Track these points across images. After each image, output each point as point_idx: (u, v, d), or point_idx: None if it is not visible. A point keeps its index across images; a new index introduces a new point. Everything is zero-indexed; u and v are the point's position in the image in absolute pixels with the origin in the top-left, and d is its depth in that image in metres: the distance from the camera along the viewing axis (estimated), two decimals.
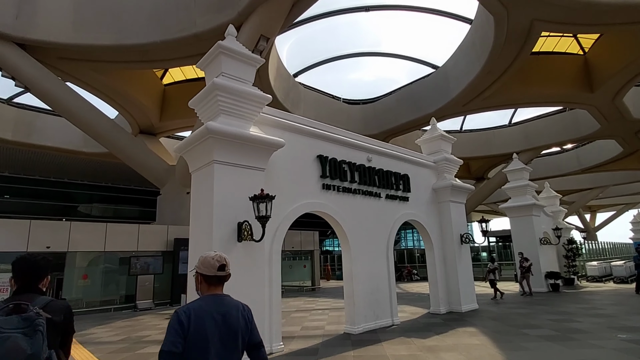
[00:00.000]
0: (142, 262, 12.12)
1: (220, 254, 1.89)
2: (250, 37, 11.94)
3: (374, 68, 24.46)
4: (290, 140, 6.52)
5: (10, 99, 20.58)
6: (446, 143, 10.18)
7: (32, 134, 20.78)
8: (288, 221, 6.28)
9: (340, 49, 19.34)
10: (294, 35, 17.23)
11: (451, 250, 9.24)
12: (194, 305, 1.74)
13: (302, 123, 6.87)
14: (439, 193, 9.62)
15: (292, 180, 6.50)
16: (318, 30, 18.10)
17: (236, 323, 1.77)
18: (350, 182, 7.47)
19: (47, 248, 10.86)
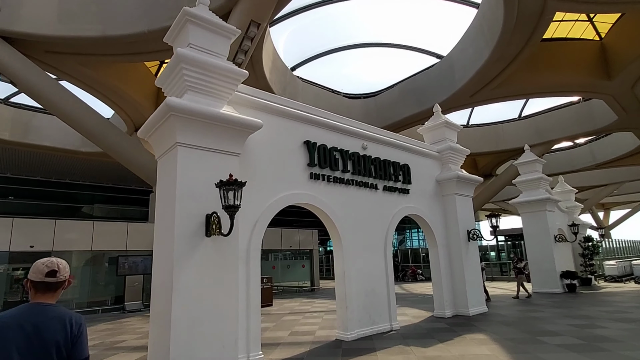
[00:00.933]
0: (131, 262, 11.49)
1: (54, 260, 1.76)
2: (240, 22, 11.24)
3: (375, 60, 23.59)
4: (272, 123, 5.78)
5: (7, 98, 20.25)
6: (451, 131, 9.32)
7: (29, 133, 20.41)
8: (270, 214, 5.51)
9: (339, 40, 18.62)
10: (290, 26, 16.46)
11: (457, 248, 8.37)
12: (7, 314, 1.61)
13: (286, 105, 6.10)
14: (444, 185, 8.75)
15: (275, 168, 5.74)
16: (315, 21, 17.35)
17: (51, 335, 1.59)
18: (342, 171, 6.67)
19: (31, 247, 10.30)
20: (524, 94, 18.08)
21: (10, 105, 20.01)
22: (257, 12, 10.67)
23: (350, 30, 20.97)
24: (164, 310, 4.29)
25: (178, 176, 4.51)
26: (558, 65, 15.94)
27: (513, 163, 13.60)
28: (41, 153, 20.89)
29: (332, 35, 20.76)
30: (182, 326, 4.06)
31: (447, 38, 18.78)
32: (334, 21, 19.13)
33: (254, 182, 5.40)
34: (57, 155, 21.33)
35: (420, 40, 20.11)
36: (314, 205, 6.14)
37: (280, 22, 15.43)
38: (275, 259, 17.40)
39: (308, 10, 15.44)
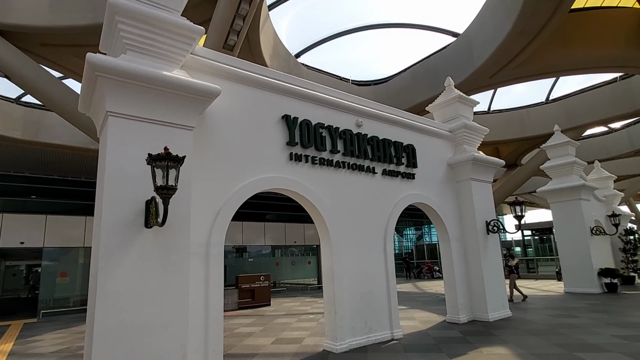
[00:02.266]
0: None
1: None
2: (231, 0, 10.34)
3: (386, 42, 22.14)
4: (242, 94, 4.87)
5: (18, 98, 20.36)
6: (465, 107, 8.03)
7: (41, 132, 20.46)
8: (237, 201, 4.53)
9: (346, 23, 17.42)
10: (291, 10, 15.40)
11: (474, 242, 7.12)
12: None
13: (258, 72, 5.09)
14: (457, 170, 7.50)
15: (245, 147, 4.78)
16: (319, 3, 16.16)
17: None
18: (330, 152, 5.60)
19: (21, 244, 9.88)
20: (552, 72, 16.25)
21: (22, 105, 20.09)
22: None
23: (358, 12, 19.67)
24: (89, 321, 3.39)
25: (108, 153, 3.60)
26: (591, 37, 14.13)
27: (541, 146, 12.05)
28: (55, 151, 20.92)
29: (338, 18, 19.55)
30: (108, 340, 3.17)
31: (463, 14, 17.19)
32: (339, 3, 17.87)
33: (217, 164, 4.47)
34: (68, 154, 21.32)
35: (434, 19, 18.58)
36: (295, 191, 5.12)
37: (281, 4, 14.39)
38: (282, 255, 16.55)
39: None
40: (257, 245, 15.74)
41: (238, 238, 14.72)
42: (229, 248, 14.64)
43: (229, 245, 14.34)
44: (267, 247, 16.18)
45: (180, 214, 3.77)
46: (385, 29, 17.70)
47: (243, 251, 15.34)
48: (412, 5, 19.97)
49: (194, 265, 4.05)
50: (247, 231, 15.15)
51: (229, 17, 10.66)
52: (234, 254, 15.41)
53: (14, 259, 18.99)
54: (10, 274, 18.95)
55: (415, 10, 20.84)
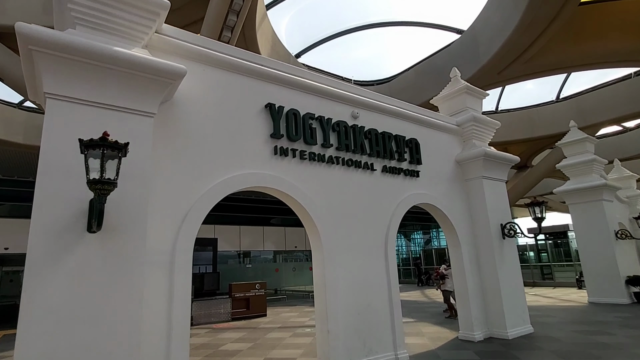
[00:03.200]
0: None
1: None
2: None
3: (388, 41, 21.51)
4: (218, 79, 4.31)
5: (20, 103, 20.14)
6: (474, 99, 7.29)
7: None
8: (208, 202, 3.85)
9: (346, 22, 16.86)
10: (291, 9, 14.88)
11: (488, 248, 6.32)
12: None
13: (238, 56, 4.44)
14: (466, 167, 6.74)
15: (220, 139, 4.15)
16: (317, 2, 15.63)
17: None
18: (322, 146, 4.91)
19: (5, 250, 9.39)
20: (563, 67, 15.44)
21: (23, 109, 19.84)
22: None
23: (360, 10, 19.13)
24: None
25: (43, 141, 2.95)
26: (604, 29, 13.33)
27: (557, 144, 11.21)
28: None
29: (339, 18, 19.03)
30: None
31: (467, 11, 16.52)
32: (340, 2, 17.34)
33: (187, 158, 3.84)
34: None
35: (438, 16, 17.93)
36: (280, 190, 4.42)
37: (279, 3, 13.91)
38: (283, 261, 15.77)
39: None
40: (256, 251, 15.03)
41: (235, 243, 14.06)
42: (226, 253, 13.96)
43: (226, 250, 13.69)
44: (267, 252, 15.46)
45: (134, 215, 3.10)
46: (388, 27, 17.10)
47: (241, 257, 14.63)
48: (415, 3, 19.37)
49: (153, 276, 3.37)
50: (246, 236, 14.48)
51: (222, 12, 10.14)
52: (231, 260, 14.70)
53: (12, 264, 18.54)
54: (8, 279, 18.48)
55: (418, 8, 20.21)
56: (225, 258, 14.12)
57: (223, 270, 13.16)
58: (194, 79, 4.12)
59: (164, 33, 3.97)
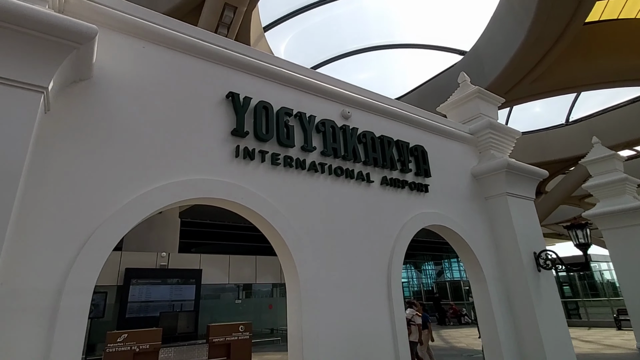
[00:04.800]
0: None
1: None
2: (213, 8, 9.33)
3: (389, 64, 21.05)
4: (165, 60, 3.32)
5: None
6: (488, 104, 6.20)
7: None
8: (128, 220, 2.63)
9: (345, 45, 16.31)
10: (290, 32, 14.44)
11: (520, 283, 4.92)
12: None
13: (193, 35, 3.38)
14: (485, 182, 5.49)
15: (159, 134, 3.11)
16: (317, 25, 15.31)
17: None
18: (302, 149, 3.75)
19: None
20: (573, 87, 14.55)
21: None
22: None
23: (359, 33, 18.84)
24: None
25: None
26: (614, 46, 12.55)
27: (581, 161, 9.97)
28: None
29: (339, 40, 18.69)
30: None
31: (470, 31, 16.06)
32: (341, 25, 17.02)
33: (104, 158, 2.72)
34: None
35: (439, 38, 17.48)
36: (241, 204, 3.19)
37: (278, 25, 13.45)
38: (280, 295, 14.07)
39: (308, 10, 13.37)
40: (248, 284, 13.40)
41: (223, 275, 12.49)
42: (213, 287, 12.37)
43: (213, 283, 12.14)
44: (261, 285, 13.78)
45: None
46: (390, 49, 16.54)
47: (229, 291, 12.98)
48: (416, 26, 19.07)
49: (19, 328, 2.07)
50: (236, 266, 12.98)
51: (212, 25, 9.55)
52: (220, 294, 13.03)
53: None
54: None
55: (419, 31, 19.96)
56: (213, 292, 12.55)
57: (208, 307, 11.58)
58: (129, 57, 3.10)
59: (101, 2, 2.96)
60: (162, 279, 10.66)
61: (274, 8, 13.44)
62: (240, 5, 9.24)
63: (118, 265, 10.11)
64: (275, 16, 13.22)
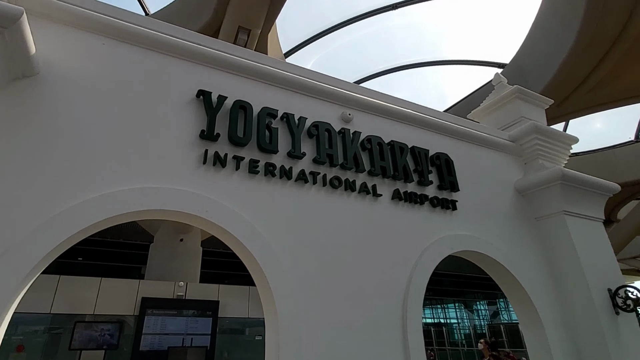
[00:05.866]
0: (86, 333, 8.59)
1: None
2: (227, 32, 9.55)
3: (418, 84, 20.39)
4: (127, 57, 3.07)
5: None
6: (531, 106, 5.39)
7: None
8: (56, 236, 2.22)
9: (371, 66, 16.05)
10: (313, 56, 14.57)
11: (592, 328, 3.81)
12: None
13: (160, 30, 3.12)
14: (536, 198, 4.55)
15: (113, 136, 2.77)
16: (341, 47, 15.35)
17: None
18: (289, 155, 3.23)
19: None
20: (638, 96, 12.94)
21: None
22: (244, 16, 8.96)
23: (385, 53, 18.54)
24: None
25: None
26: None
27: None
28: None
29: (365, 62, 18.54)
30: None
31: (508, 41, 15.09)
32: (365, 45, 16.94)
33: (41, 162, 2.39)
34: None
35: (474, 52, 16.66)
36: (208, 220, 2.66)
37: (301, 49, 13.56)
38: None
39: (332, 32, 13.40)
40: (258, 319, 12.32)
41: (242, 308, 11.63)
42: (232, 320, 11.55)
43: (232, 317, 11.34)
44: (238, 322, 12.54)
45: None
46: (420, 68, 16.03)
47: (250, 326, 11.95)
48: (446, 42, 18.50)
49: None
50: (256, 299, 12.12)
51: None
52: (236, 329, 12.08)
53: None
54: None
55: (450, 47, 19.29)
56: (232, 327, 11.75)
57: (225, 343, 10.81)
58: (86, 54, 2.85)
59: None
60: (177, 310, 10.24)
61: (294, 33, 13.69)
62: (254, 27, 9.36)
63: (136, 294, 9.92)
64: (296, 41, 13.41)
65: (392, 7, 13.64)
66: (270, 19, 9.48)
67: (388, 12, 13.86)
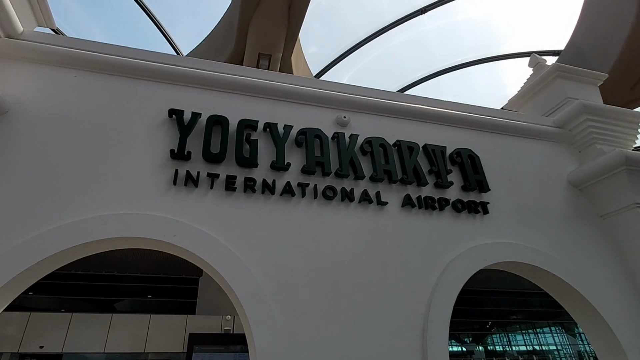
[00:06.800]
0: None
1: None
2: (250, 59, 9.98)
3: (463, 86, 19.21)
4: (100, 85, 3.14)
5: None
6: (579, 85, 4.66)
7: None
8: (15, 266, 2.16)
9: (408, 75, 15.49)
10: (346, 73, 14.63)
11: None
12: None
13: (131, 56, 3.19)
14: (596, 192, 3.80)
15: (76, 162, 2.80)
16: (376, 59, 15.35)
17: None
18: (272, 167, 3.03)
19: (40, 348, 9.05)
20: None
21: None
22: (263, 44, 9.37)
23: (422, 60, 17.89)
24: None
25: None
26: None
27: None
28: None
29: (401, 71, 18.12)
30: None
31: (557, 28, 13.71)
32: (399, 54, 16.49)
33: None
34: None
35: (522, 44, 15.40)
36: (176, 245, 2.49)
37: (332, 68, 13.64)
38: None
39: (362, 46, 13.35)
40: None
41: None
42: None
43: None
44: None
45: None
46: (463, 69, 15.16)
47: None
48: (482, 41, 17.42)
49: None
50: None
51: None
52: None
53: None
54: None
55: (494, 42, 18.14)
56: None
57: None
58: (58, 88, 2.96)
59: (18, 37, 2.99)
60: (224, 346, 10.13)
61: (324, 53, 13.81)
62: (274, 52, 9.62)
63: (184, 330, 10.08)
64: (325, 61, 13.52)
65: (420, 12, 13.33)
66: (289, 43, 9.71)
67: (417, 17, 13.55)
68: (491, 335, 21.40)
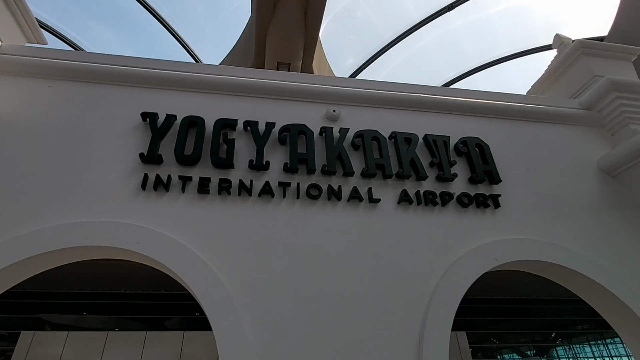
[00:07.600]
0: None
1: None
2: (271, 69, 10.15)
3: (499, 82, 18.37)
4: (72, 93, 3.14)
5: None
6: (607, 61, 4.27)
7: None
8: None
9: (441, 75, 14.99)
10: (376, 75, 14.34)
11: None
12: None
13: (106, 62, 3.20)
14: (631, 178, 3.33)
15: (40, 172, 2.77)
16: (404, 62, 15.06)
17: None
18: (251, 167, 2.88)
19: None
20: None
21: None
22: (280, 53, 9.55)
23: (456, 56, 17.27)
24: None
25: None
26: None
27: None
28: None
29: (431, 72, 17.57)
30: None
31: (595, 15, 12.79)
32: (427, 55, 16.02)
33: None
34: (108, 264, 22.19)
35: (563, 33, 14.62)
36: (139, 253, 2.40)
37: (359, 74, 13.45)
38: None
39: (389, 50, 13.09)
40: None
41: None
42: None
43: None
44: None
45: None
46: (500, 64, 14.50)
47: None
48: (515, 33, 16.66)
49: None
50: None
51: None
52: None
53: None
54: None
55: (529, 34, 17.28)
56: None
57: None
58: (31, 98, 2.98)
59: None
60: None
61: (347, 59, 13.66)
62: (293, 60, 9.65)
63: (180, 346, 10.13)
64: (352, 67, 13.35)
65: (447, 9, 12.91)
66: (309, 49, 9.72)
67: (444, 14, 13.14)
68: (555, 348, 19.93)
